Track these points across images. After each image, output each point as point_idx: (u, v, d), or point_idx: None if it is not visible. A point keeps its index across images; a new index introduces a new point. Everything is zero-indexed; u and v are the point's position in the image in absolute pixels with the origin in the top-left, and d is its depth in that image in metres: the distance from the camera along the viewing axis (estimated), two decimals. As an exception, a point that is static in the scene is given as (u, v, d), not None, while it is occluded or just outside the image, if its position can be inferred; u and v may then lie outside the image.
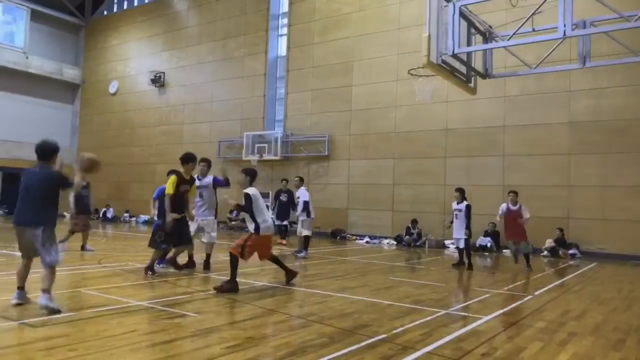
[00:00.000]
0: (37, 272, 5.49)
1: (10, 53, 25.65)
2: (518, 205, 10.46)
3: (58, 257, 5.39)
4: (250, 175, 7.26)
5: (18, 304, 5.34)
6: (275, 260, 7.56)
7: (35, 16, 26.79)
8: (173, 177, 7.71)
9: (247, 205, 6.99)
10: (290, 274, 7.63)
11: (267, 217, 7.16)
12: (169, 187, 7.64)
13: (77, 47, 29.07)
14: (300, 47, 20.39)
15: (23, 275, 5.45)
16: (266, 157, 20.01)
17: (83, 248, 10.74)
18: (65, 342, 4.18)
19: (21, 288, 5.43)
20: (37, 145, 5.55)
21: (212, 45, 23.15)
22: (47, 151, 5.51)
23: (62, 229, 16.08)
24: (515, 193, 10.64)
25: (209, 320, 5.25)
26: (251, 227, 7.01)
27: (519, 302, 7.01)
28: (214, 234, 8.63)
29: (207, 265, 8.45)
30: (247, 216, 7.06)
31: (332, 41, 19.50)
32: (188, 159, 7.90)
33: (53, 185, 5.41)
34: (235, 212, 8.46)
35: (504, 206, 10.57)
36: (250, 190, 7.08)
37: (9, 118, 25.33)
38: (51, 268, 5.30)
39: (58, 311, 5.13)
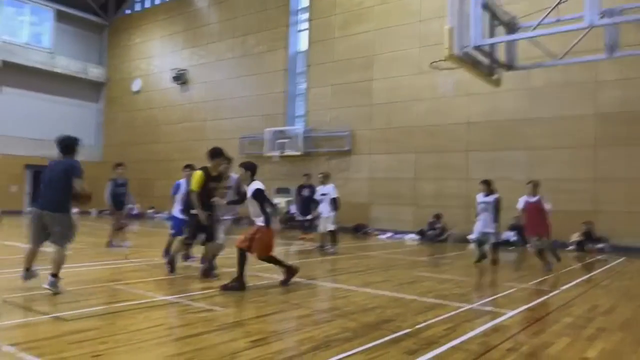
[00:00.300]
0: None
1: (37, 53, 26.20)
2: (537, 197, 9.62)
3: (69, 242, 5.95)
4: (251, 169, 6.99)
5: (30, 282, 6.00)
6: (272, 259, 7.13)
7: (60, 17, 27.28)
8: (200, 173, 7.39)
9: (266, 200, 6.79)
10: (290, 273, 7.15)
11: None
12: (194, 184, 7.35)
13: (101, 46, 29.53)
14: (321, 41, 20.35)
15: (31, 259, 6.02)
16: (287, 152, 20.07)
17: (110, 244, 10.93)
18: (96, 335, 4.28)
19: (28, 269, 6.00)
20: (58, 140, 5.98)
21: (233, 42, 23.28)
22: (67, 145, 5.95)
23: (89, 225, 16.38)
24: (535, 183, 9.73)
25: (233, 314, 5.32)
26: (260, 220, 6.77)
27: (545, 297, 6.92)
28: (224, 236, 8.07)
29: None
30: (255, 209, 6.80)
31: (353, 35, 19.41)
32: (215, 153, 7.57)
33: (71, 172, 5.80)
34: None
35: (522, 200, 9.82)
36: (259, 185, 6.85)
37: (37, 117, 25.89)
38: (61, 251, 5.80)
39: (59, 293, 5.72)
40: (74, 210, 6.13)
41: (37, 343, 4.05)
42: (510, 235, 14.79)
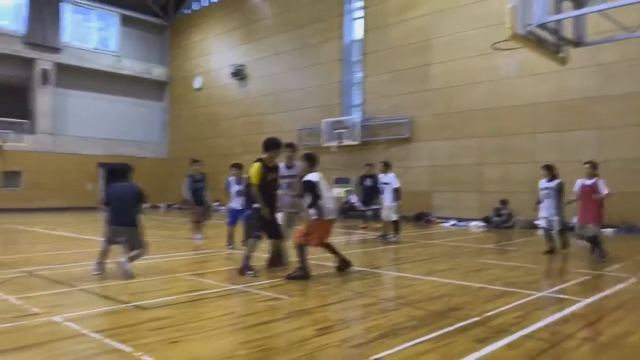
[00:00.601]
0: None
1: (105, 57, 27.59)
2: (594, 180, 8.61)
3: (144, 244, 6.97)
4: (310, 160, 6.99)
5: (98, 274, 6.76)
6: (329, 247, 7.23)
7: (125, 21, 28.58)
8: (257, 166, 7.05)
9: (312, 193, 6.74)
10: (344, 263, 7.25)
11: (329, 201, 6.89)
12: (254, 177, 7.02)
13: (162, 47, 30.62)
14: (376, 29, 20.11)
15: (104, 254, 6.92)
16: (345, 142, 20.05)
17: (195, 236, 11.39)
18: (172, 323, 4.51)
19: (100, 263, 6.86)
20: (116, 167, 7.32)
21: (288, 35, 23.46)
22: (123, 170, 7.33)
23: (159, 219, 17.05)
24: (592, 165, 8.73)
25: (300, 303, 5.42)
26: (313, 212, 6.78)
27: (624, 285, 6.55)
28: (289, 230, 7.73)
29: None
30: (307, 200, 6.84)
31: (408, 20, 19.04)
32: (271, 144, 7.14)
33: (139, 197, 7.07)
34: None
35: (578, 182, 8.86)
36: (312, 177, 6.80)
37: (106, 118, 27.38)
38: (142, 251, 6.92)
39: (131, 276, 6.49)
40: (145, 205, 7.00)
41: (119, 330, 4.32)
42: (582, 220, 14.09)
